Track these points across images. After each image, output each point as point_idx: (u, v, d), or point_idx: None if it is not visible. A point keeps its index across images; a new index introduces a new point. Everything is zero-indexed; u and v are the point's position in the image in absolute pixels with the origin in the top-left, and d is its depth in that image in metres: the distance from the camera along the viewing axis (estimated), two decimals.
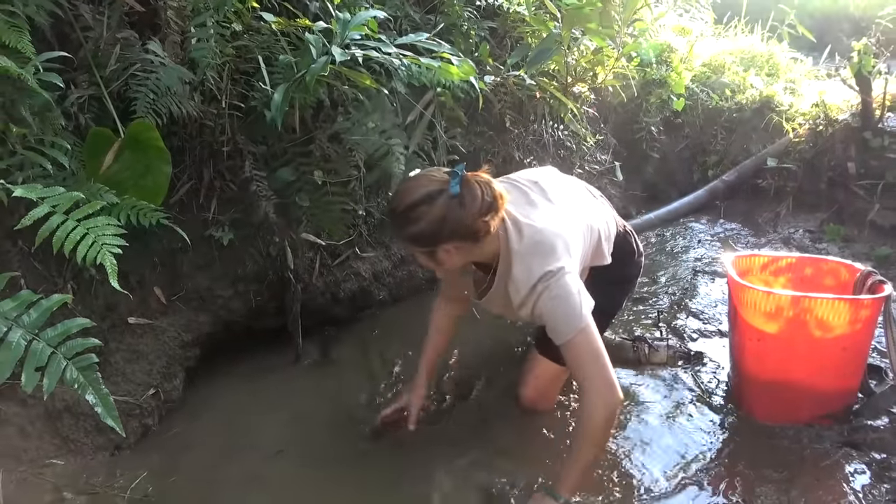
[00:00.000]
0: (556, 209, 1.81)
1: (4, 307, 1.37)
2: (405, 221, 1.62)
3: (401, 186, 1.69)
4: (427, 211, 1.59)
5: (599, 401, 1.62)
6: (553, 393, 2.19)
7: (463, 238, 1.63)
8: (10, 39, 1.51)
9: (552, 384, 2.15)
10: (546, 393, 2.16)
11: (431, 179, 1.64)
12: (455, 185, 1.59)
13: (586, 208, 1.94)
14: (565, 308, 1.64)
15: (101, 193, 1.64)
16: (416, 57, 2.12)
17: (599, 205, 2.06)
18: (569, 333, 1.64)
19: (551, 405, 2.20)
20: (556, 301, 1.64)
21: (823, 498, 1.77)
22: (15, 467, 1.78)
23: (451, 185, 1.59)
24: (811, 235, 3.52)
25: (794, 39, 4.71)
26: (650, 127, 4.18)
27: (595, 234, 1.92)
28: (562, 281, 1.64)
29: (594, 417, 1.63)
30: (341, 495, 1.85)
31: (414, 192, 1.61)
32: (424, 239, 1.63)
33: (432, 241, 1.63)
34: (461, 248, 1.66)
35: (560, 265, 1.65)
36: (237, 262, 2.33)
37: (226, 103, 2.10)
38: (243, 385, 2.40)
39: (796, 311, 1.95)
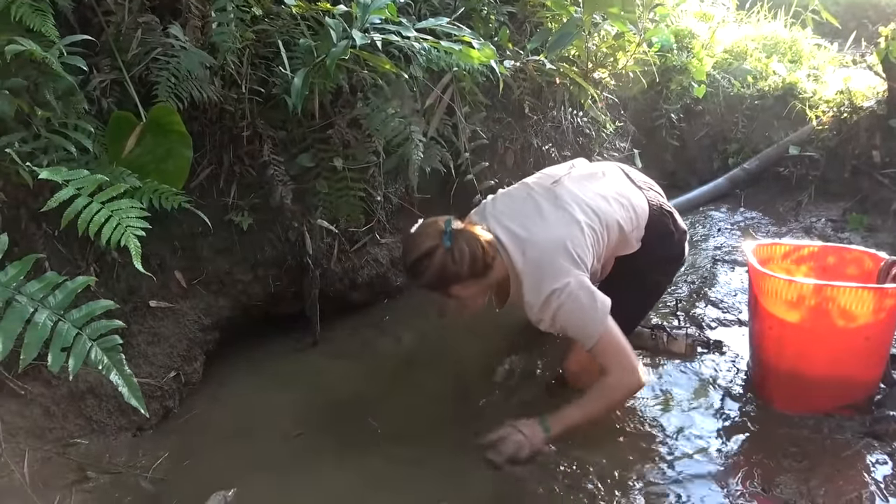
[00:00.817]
0: (561, 214, 1.93)
1: (31, 288, 1.39)
2: (414, 274, 1.88)
3: (406, 243, 1.94)
4: (429, 265, 1.82)
5: (622, 383, 1.87)
6: (596, 368, 2.18)
7: (467, 279, 1.84)
8: (35, 23, 1.52)
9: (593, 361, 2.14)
10: (589, 367, 2.12)
11: (428, 235, 1.85)
12: (447, 240, 1.81)
13: (604, 203, 2.00)
14: (583, 319, 1.83)
15: (123, 177, 1.66)
16: (437, 41, 2.10)
17: (624, 192, 2.07)
18: (593, 339, 1.84)
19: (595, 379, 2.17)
20: (572, 314, 1.83)
21: (844, 488, 1.76)
22: (40, 446, 1.81)
23: (444, 240, 1.81)
24: (833, 224, 3.47)
25: (818, 25, 4.63)
26: (670, 114, 4.13)
27: (614, 229, 1.99)
28: (573, 295, 1.81)
29: (614, 392, 1.89)
30: (359, 478, 1.87)
31: (415, 250, 1.85)
32: (434, 286, 1.87)
33: (441, 286, 1.87)
34: (470, 284, 1.87)
35: (566, 280, 1.81)
36: (256, 247, 2.34)
37: (246, 88, 2.10)
38: (262, 369, 2.43)
39: (819, 300, 1.92)
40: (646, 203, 2.09)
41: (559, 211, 1.94)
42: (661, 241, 2.10)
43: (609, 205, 2.01)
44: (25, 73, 1.60)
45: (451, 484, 1.83)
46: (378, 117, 2.25)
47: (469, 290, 1.89)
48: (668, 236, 2.12)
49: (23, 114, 1.60)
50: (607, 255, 2.05)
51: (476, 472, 1.87)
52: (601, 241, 1.96)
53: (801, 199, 3.71)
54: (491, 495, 1.79)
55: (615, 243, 2.02)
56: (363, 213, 2.51)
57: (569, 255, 1.84)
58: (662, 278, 2.21)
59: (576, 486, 1.82)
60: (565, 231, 1.89)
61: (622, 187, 2.11)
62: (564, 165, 2.22)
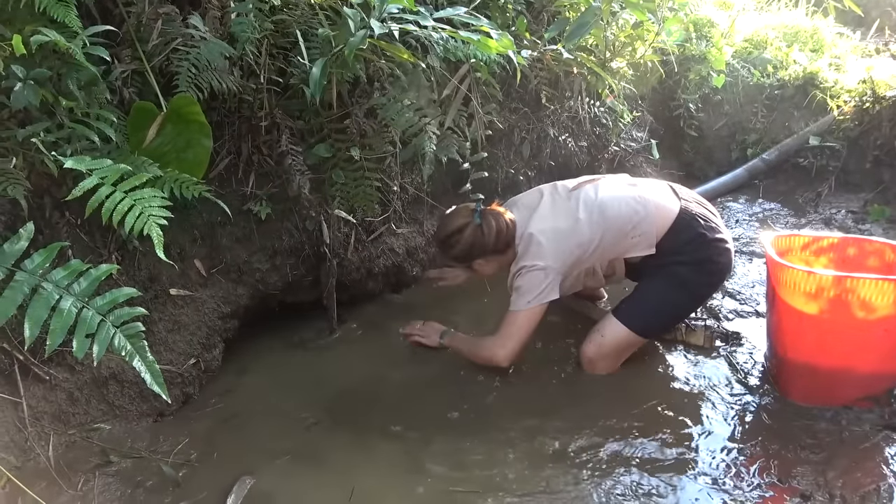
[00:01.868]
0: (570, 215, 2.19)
1: (57, 276, 1.42)
2: (446, 247, 2.28)
3: (441, 221, 2.35)
4: (460, 239, 2.23)
5: (492, 351, 2.19)
6: (613, 359, 2.25)
7: (490, 254, 2.24)
8: (58, 14, 1.54)
9: (615, 350, 2.23)
10: (608, 355, 2.23)
11: (461, 215, 2.26)
12: (477, 217, 2.21)
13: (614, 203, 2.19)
14: (521, 292, 2.16)
15: (145, 166, 1.67)
16: (455, 31, 2.10)
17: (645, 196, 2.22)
18: (514, 307, 2.18)
19: (610, 367, 2.25)
20: (520, 286, 2.17)
21: (862, 480, 1.75)
22: (64, 430, 1.85)
23: (475, 217, 2.21)
24: (854, 216, 3.43)
25: (840, 14, 4.55)
26: (688, 104, 4.10)
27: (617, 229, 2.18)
28: (530, 275, 2.15)
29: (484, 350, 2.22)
30: (377, 465, 1.89)
31: (450, 225, 2.26)
32: (462, 258, 2.29)
33: (468, 258, 2.27)
34: (491, 260, 2.27)
35: (534, 263, 2.14)
36: (274, 237, 2.36)
37: (264, 78, 2.11)
38: (279, 357, 2.45)
39: (838, 292, 1.91)
40: (677, 207, 2.21)
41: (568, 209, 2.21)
42: (690, 242, 2.18)
43: (618, 208, 2.18)
44: (49, 63, 1.62)
45: (467, 471, 1.85)
46: (393, 108, 2.25)
47: (489, 265, 2.28)
48: (696, 239, 2.18)
49: (47, 103, 1.62)
50: (614, 252, 2.23)
51: (494, 458, 1.88)
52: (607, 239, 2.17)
53: (820, 190, 3.67)
54: (509, 481, 1.80)
55: (622, 242, 2.19)
56: (379, 203, 2.52)
57: (552, 251, 2.14)
58: (693, 276, 2.20)
59: (593, 473, 1.83)
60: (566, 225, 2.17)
61: (647, 192, 2.23)
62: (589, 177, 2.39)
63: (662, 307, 2.23)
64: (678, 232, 2.17)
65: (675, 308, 2.27)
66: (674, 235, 2.17)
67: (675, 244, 2.17)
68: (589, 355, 2.23)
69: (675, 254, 2.17)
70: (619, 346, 2.22)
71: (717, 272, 2.24)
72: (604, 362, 2.24)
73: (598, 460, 1.88)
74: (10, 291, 1.39)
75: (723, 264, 2.22)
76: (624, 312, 2.22)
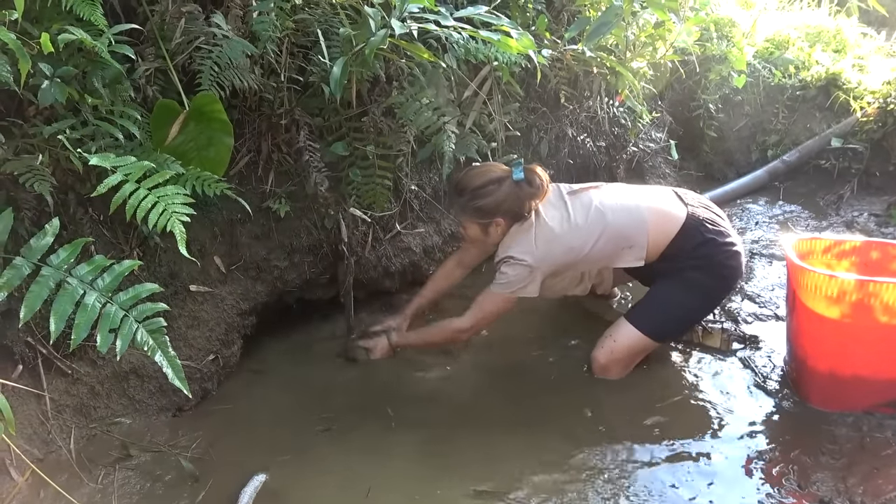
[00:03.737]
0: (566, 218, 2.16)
1: (81, 271, 1.44)
2: (475, 196, 2.13)
3: (470, 171, 2.20)
4: (495, 189, 2.11)
5: (460, 326, 2.21)
6: (626, 363, 2.23)
7: (511, 217, 2.14)
8: (84, 12, 1.55)
9: (628, 355, 2.21)
10: (619, 360, 2.22)
11: (497, 168, 2.19)
12: (519, 172, 2.11)
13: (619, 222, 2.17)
14: (505, 280, 2.15)
15: (167, 163, 1.69)
16: (475, 30, 2.10)
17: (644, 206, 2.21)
18: (496, 288, 2.18)
19: (619, 373, 2.24)
20: (505, 273, 2.15)
21: (883, 487, 1.73)
22: (86, 424, 1.88)
23: (515, 173, 2.11)
24: (877, 219, 3.38)
25: (864, 13, 4.49)
26: (708, 104, 4.06)
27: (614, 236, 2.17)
28: (517, 267, 2.13)
29: (447, 328, 2.27)
30: (391, 465, 1.90)
31: (486, 175, 2.14)
32: (486, 212, 2.14)
33: (491, 214, 2.13)
34: (505, 224, 2.15)
35: (523, 258, 2.12)
36: (293, 234, 2.37)
37: (285, 76, 2.13)
38: (297, 354, 2.47)
39: (861, 296, 1.89)
40: (684, 213, 2.20)
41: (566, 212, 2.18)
42: (701, 246, 2.18)
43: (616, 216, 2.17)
44: (75, 61, 1.64)
45: (484, 473, 1.85)
46: (412, 107, 2.25)
47: (500, 228, 2.17)
48: (708, 243, 2.19)
49: (73, 101, 1.64)
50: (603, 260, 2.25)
51: (513, 461, 1.88)
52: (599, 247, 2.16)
53: (842, 192, 3.62)
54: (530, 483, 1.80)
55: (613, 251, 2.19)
56: (395, 202, 2.53)
57: (546, 249, 2.12)
58: (704, 280, 2.19)
59: (608, 476, 1.82)
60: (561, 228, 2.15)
61: (650, 201, 2.23)
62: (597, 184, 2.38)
63: (675, 311, 2.23)
64: (687, 237, 2.17)
65: (689, 312, 2.26)
66: (682, 241, 2.17)
67: (685, 249, 2.16)
68: (601, 361, 2.22)
69: (685, 259, 2.17)
70: (631, 351, 2.21)
71: (728, 276, 2.23)
72: (616, 367, 2.22)
73: (612, 463, 1.87)
74: (36, 286, 1.41)
75: (733, 268, 2.21)
76: (637, 316, 2.21)
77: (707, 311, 2.33)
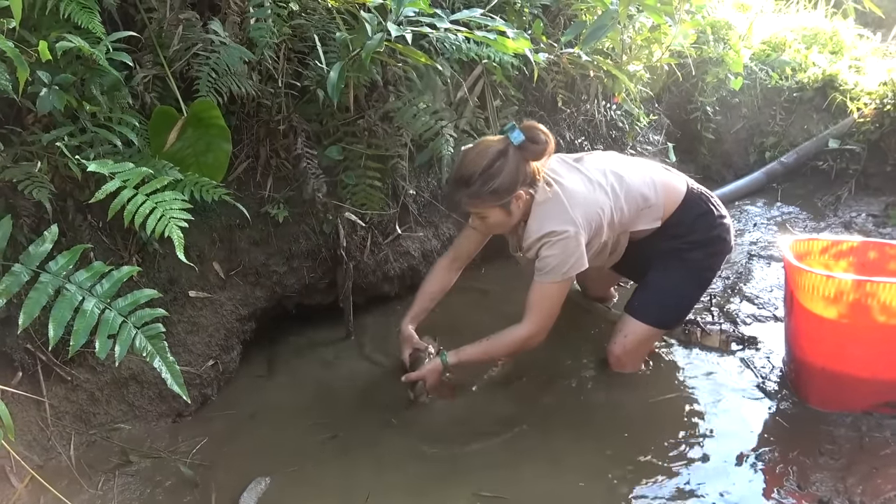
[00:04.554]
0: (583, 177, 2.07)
1: (80, 277, 1.44)
2: (487, 178, 1.90)
3: (465, 158, 1.96)
4: (503, 163, 1.90)
5: (527, 332, 2.03)
6: (640, 354, 2.28)
7: (529, 184, 1.95)
8: (82, 20, 1.57)
9: (640, 345, 2.26)
10: (633, 352, 2.25)
11: (490, 143, 1.95)
12: (517, 134, 1.90)
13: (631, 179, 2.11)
14: (554, 262, 1.97)
15: (166, 170, 1.70)
16: (471, 32, 2.11)
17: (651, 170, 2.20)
18: (546, 278, 2.00)
19: (638, 366, 2.29)
20: (552, 255, 1.97)
21: (882, 487, 1.73)
22: (85, 430, 1.88)
23: (513, 137, 1.91)
24: (874, 220, 3.39)
25: (861, 15, 4.51)
26: (706, 107, 4.07)
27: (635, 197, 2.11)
28: (562, 242, 1.96)
29: (515, 337, 2.04)
30: (390, 470, 1.90)
31: (486, 153, 1.92)
32: (504, 189, 1.92)
33: (511, 189, 1.93)
34: (525, 195, 1.96)
35: (564, 228, 1.95)
36: (291, 239, 2.38)
37: (282, 82, 2.14)
38: (296, 359, 2.47)
39: (858, 296, 1.89)
40: (684, 185, 2.20)
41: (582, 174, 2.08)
42: (699, 219, 2.19)
43: (631, 175, 2.12)
44: (73, 68, 1.66)
45: (485, 479, 1.84)
46: (408, 112, 2.26)
47: (521, 202, 1.97)
48: (707, 214, 2.20)
49: (71, 108, 1.65)
50: (626, 222, 2.13)
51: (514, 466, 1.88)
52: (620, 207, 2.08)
53: (840, 193, 3.63)
54: (535, 488, 1.80)
55: (634, 212, 2.12)
56: (393, 206, 2.53)
57: (583, 214, 1.98)
58: (705, 259, 2.23)
59: (606, 478, 1.82)
60: (587, 188, 2.04)
61: (651, 168, 2.23)
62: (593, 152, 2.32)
63: (676, 298, 2.25)
64: (687, 208, 2.17)
65: (689, 296, 2.29)
66: (683, 211, 2.17)
67: (684, 222, 2.17)
68: (616, 354, 2.25)
69: (687, 232, 2.17)
70: (641, 343, 2.25)
71: (722, 252, 2.27)
72: (629, 359, 2.26)
73: (612, 465, 1.87)
74: (35, 293, 1.42)
75: (727, 242, 2.25)
76: (640, 310, 2.23)
77: (704, 290, 2.33)
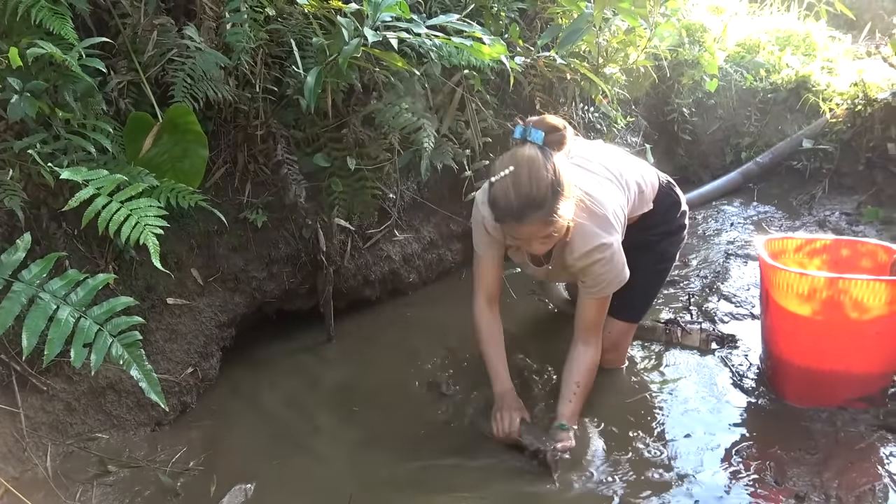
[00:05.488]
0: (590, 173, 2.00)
1: (54, 286, 1.43)
2: (555, 193, 1.69)
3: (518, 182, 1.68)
4: (555, 168, 1.70)
5: (597, 351, 2.03)
6: (624, 347, 2.35)
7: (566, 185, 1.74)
8: (54, 26, 1.55)
9: (623, 339, 2.33)
10: (617, 345, 2.31)
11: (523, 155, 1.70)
12: (537, 135, 1.71)
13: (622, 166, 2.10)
14: (610, 277, 1.92)
15: (141, 176, 1.69)
16: (448, 37, 2.12)
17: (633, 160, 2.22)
18: (602, 293, 1.96)
19: (623, 360, 2.36)
20: (609, 270, 1.91)
21: (857, 480, 1.76)
22: (62, 440, 1.85)
23: (535, 139, 1.72)
24: (847, 218, 3.45)
25: (833, 17, 4.59)
26: (682, 108, 4.12)
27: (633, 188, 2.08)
28: (615, 254, 1.89)
29: (593, 363, 2.01)
30: (376, 473, 1.89)
31: (536, 168, 1.68)
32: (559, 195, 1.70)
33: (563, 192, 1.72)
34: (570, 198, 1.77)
35: (612, 238, 1.88)
36: (271, 245, 2.37)
37: (259, 87, 2.13)
38: (277, 365, 2.46)
39: (831, 293, 1.92)
40: (656, 176, 2.23)
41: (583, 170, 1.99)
42: (671, 209, 2.24)
43: (621, 166, 2.10)
44: (45, 75, 1.64)
45: (464, 480, 1.85)
46: (390, 111, 2.26)
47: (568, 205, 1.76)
48: (676, 205, 2.26)
49: (43, 115, 1.63)
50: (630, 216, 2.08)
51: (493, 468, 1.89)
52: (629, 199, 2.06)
53: (814, 192, 3.69)
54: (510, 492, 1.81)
55: (635, 202, 2.10)
56: (377, 210, 2.53)
57: (615, 217, 1.92)
58: (672, 248, 2.29)
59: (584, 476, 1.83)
60: (610, 189, 1.98)
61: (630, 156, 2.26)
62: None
63: (645, 291, 2.29)
64: (661, 197, 2.20)
65: (656, 286, 2.35)
66: (658, 201, 2.19)
67: (660, 210, 2.20)
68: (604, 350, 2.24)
69: (660, 223, 2.21)
70: (623, 336, 2.32)
71: (683, 239, 2.33)
72: (617, 354, 2.33)
73: (590, 465, 1.88)
74: (7, 302, 1.40)
75: (686, 227, 2.32)
76: (618, 309, 2.17)
77: (666, 278, 2.38)
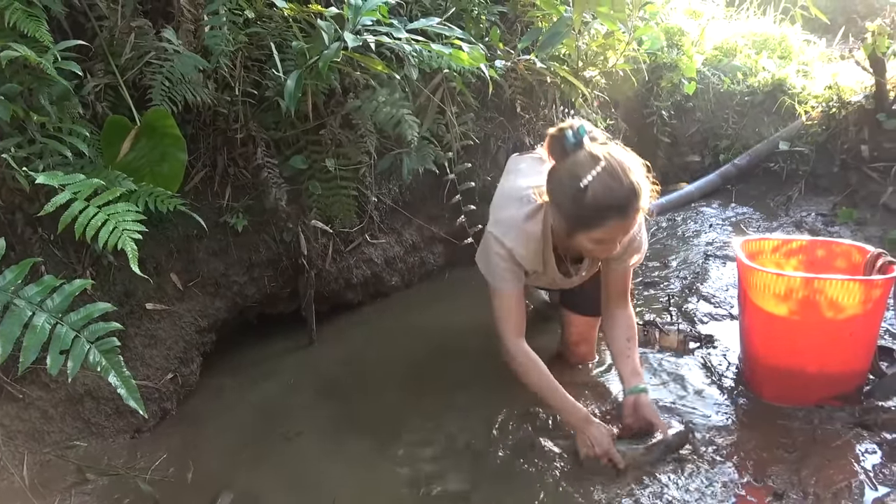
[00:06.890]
0: None
1: (29, 292, 1.41)
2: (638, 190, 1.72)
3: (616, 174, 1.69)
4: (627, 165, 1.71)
5: (632, 311, 2.10)
6: (592, 339, 2.39)
7: None
8: (29, 28, 1.53)
9: (590, 330, 2.37)
10: (587, 338, 2.36)
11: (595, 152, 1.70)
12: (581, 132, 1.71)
13: None
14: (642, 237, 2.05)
15: (119, 180, 1.67)
16: (427, 42, 2.12)
17: None
18: (632, 259, 2.04)
19: (594, 353, 2.41)
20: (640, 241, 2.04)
21: (834, 477, 1.79)
22: (39, 449, 1.83)
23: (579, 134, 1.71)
24: (823, 219, 3.51)
25: (808, 21, 4.66)
26: (661, 111, 4.16)
27: None
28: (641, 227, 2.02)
29: (633, 319, 2.10)
30: (358, 476, 1.89)
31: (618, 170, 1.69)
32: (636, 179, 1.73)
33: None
34: None
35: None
36: (251, 249, 2.36)
37: (239, 91, 2.12)
38: (258, 369, 2.44)
39: (807, 293, 1.95)
40: None
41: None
42: None
43: None
44: (20, 78, 1.61)
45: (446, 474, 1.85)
46: (369, 107, 2.25)
47: None
48: None
49: (18, 119, 1.61)
50: None
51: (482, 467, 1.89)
52: None
53: (791, 193, 3.74)
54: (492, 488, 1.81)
55: None
56: (356, 214, 2.53)
57: None
58: None
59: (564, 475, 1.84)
60: None
61: None
62: None
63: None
64: None
65: None
66: None
67: None
68: (574, 341, 2.36)
69: None
70: (588, 330, 2.36)
71: None
72: (588, 347, 2.38)
73: (569, 463, 1.89)
74: None
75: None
76: (581, 306, 2.30)
77: None
